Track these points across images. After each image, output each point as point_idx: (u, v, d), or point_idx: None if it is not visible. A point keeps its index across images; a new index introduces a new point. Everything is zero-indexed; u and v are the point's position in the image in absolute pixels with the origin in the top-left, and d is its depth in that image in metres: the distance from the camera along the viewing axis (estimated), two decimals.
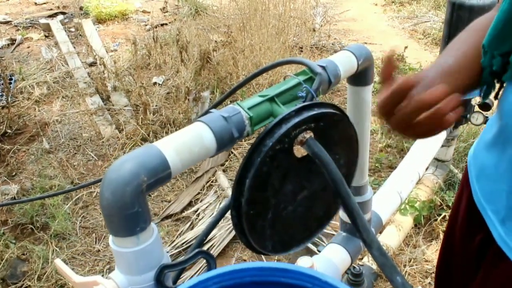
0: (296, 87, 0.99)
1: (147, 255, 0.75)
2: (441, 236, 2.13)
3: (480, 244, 1.02)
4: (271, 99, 0.94)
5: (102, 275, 1.02)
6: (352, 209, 0.87)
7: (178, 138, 0.78)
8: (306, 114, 0.89)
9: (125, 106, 3.18)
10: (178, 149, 0.76)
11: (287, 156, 0.90)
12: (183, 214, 2.25)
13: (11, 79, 3.55)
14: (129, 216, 0.70)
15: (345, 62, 1.09)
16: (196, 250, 0.78)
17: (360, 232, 0.87)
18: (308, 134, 0.90)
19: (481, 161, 0.94)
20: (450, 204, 2.20)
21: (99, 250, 2.08)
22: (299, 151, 0.93)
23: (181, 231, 2.12)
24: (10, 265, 1.99)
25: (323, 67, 1.02)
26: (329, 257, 1.36)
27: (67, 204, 2.31)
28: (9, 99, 3.17)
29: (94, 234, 2.17)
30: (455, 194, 2.35)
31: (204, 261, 0.80)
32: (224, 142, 0.83)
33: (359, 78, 1.20)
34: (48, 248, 2.05)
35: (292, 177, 0.94)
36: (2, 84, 3.35)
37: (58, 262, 0.82)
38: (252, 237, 0.91)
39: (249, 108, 0.89)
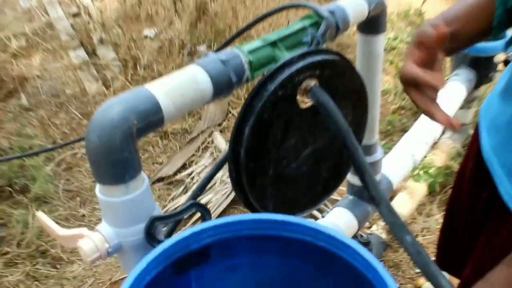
0: (301, 32, 0.99)
1: (136, 206, 0.76)
2: None
3: (486, 201, 1.05)
4: (273, 44, 0.94)
5: None
6: (360, 163, 0.89)
7: (171, 80, 0.79)
8: (311, 60, 0.90)
9: (112, 61, 3.17)
10: (171, 92, 0.77)
11: (290, 104, 0.91)
12: (176, 177, 2.28)
13: None
14: (117, 162, 0.72)
15: (354, 7, 1.09)
16: (190, 202, 0.80)
17: (368, 188, 0.89)
18: (313, 82, 0.91)
19: (493, 111, 0.96)
20: None
21: (84, 215, 2.11)
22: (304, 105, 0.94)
23: (174, 195, 2.15)
24: None
25: (331, 12, 1.02)
26: (334, 221, 1.39)
27: (48, 166, 2.33)
28: None
29: (78, 198, 2.20)
30: (454, 179, 2.37)
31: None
32: (222, 86, 0.84)
33: (370, 25, 1.20)
34: (28, 212, 2.08)
35: (296, 130, 0.95)
36: None
37: (40, 215, 0.84)
38: (252, 194, 0.93)
39: (249, 52, 0.89)
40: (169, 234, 0.94)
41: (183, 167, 2.33)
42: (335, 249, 0.74)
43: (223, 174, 2.11)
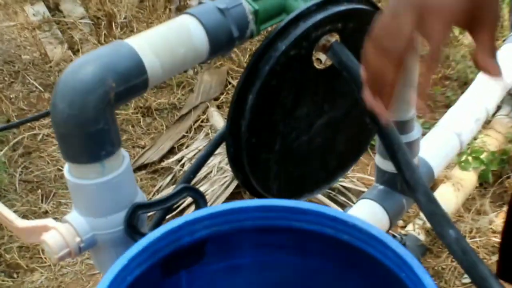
0: None
1: (115, 190, 0.78)
2: None
3: None
4: None
5: None
6: (392, 139, 0.90)
7: (158, 34, 0.81)
8: (332, 10, 0.91)
9: (81, 19, 3.18)
10: (158, 48, 0.78)
11: (304, 66, 0.93)
12: (162, 164, 2.29)
13: None
14: (91, 135, 0.73)
15: None
16: (181, 186, 0.82)
17: (401, 170, 0.90)
18: (334, 38, 0.92)
19: None
20: None
21: (47, 212, 2.13)
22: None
23: (160, 187, 2.17)
24: None
25: None
26: (359, 216, 1.40)
27: (1, 150, 2.35)
28: None
29: (39, 190, 2.22)
30: None
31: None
32: (220, 42, 0.85)
33: None
34: None
35: (309, 97, 0.97)
36: None
37: None
38: (253, 174, 0.95)
39: (254, 0, 0.90)
40: (155, 227, 0.96)
41: (171, 151, 2.35)
42: (362, 243, 0.76)
43: (221, 161, 2.13)
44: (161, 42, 0.80)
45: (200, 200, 0.82)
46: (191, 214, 0.74)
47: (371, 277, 0.79)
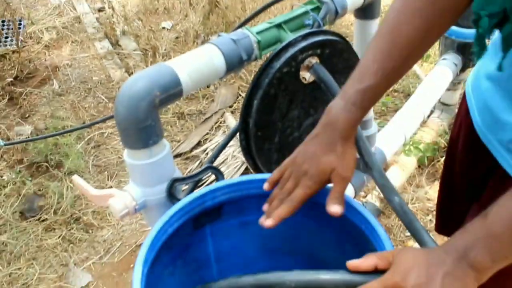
0: (303, 16, 1.00)
1: (159, 168, 0.79)
2: None
3: (484, 170, 1.04)
4: (279, 26, 0.95)
5: None
6: (357, 133, 0.90)
7: (189, 57, 0.81)
8: (312, 40, 0.91)
9: (134, 50, 3.18)
10: (189, 68, 0.79)
11: (293, 80, 0.93)
12: (192, 153, 2.30)
13: (20, 23, 3.54)
14: (142, 129, 0.74)
15: None
16: (206, 165, 0.82)
17: (362, 154, 0.89)
18: (314, 60, 0.93)
19: (482, 92, 0.93)
20: None
21: (111, 187, 2.14)
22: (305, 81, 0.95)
23: (190, 169, 2.17)
24: (27, 200, 2.07)
25: None
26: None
27: (79, 144, 2.36)
28: (19, 43, 3.17)
29: (106, 172, 2.23)
30: (447, 144, 2.37)
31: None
32: (233, 64, 0.86)
33: (366, 11, 1.20)
34: (62, 185, 2.11)
35: (298, 103, 0.97)
36: (12, 28, 3.35)
37: (76, 178, 0.87)
38: (259, 159, 0.95)
39: (257, 33, 0.90)
40: (187, 195, 0.97)
41: (198, 144, 2.35)
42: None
43: (234, 150, 2.13)
44: (191, 63, 0.80)
45: (219, 176, 0.82)
46: (212, 185, 0.75)
47: (341, 230, 0.79)
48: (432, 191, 2.07)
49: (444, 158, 1.29)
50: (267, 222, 0.72)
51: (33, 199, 2.07)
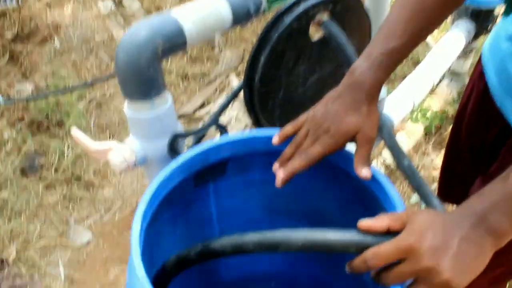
0: None
1: (161, 121, 0.76)
2: None
3: (492, 139, 1.01)
4: None
5: None
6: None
7: (194, 7, 0.77)
8: None
9: (137, 11, 3.11)
10: (194, 18, 0.75)
11: (303, 36, 0.89)
12: (196, 115, 2.27)
13: None
14: (144, 79, 0.71)
15: None
16: (209, 121, 0.79)
17: None
18: (326, 16, 0.88)
19: (502, 54, 0.90)
20: None
21: None
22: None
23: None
24: (28, 158, 2.05)
25: None
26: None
27: (81, 103, 2.33)
28: (20, 1, 3.10)
29: (108, 131, 2.20)
30: (456, 110, 2.33)
31: None
32: (240, 15, 0.82)
33: None
34: (63, 143, 2.09)
35: (305, 59, 0.93)
36: None
37: (75, 131, 0.84)
38: (262, 115, 0.92)
39: None
40: None
41: (202, 106, 2.32)
42: (342, 164, 0.73)
43: (238, 113, 2.10)
44: (196, 13, 0.76)
45: (223, 132, 0.79)
46: (216, 140, 0.72)
47: (350, 191, 0.77)
48: (438, 159, 2.04)
49: (451, 125, 1.26)
50: (278, 173, 0.69)
51: (34, 157, 2.06)
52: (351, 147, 0.79)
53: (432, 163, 2.02)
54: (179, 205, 0.77)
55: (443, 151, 2.10)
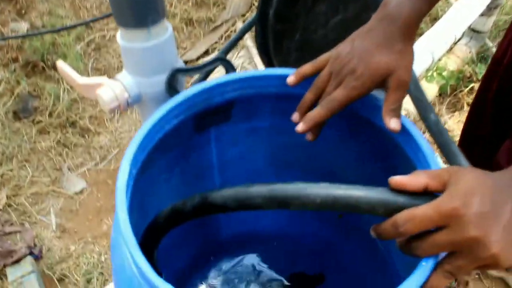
0: None
1: (159, 54, 0.66)
2: (466, 108, 2.03)
3: None
4: None
5: None
6: None
7: None
8: None
9: None
10: None
11: None
12: (199, 62, 2.16)
13: None
14: (139, 2, 0.60)
15: None
16: (216, 56, 0.69)
17: None
18: None
19: None
20: (479, 77, 2.08)
21: None
22: None
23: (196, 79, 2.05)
24: (21, 100, 1.96)
25: None
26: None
27: (79, 45, 2.21)
28: None
29: (106, 75, 2.09)
30: (487, 67, 2.23)
31: None
32: None
33: None
34: (59, 86, 1.99)
35: None
36: None
37: (61, 64, 0.74)
38: (276, 57, 0.82)
39: None
40: None
41: (206, 52, 2.20)
42: (364, 111, 0.64)
43: (244, 61, 1.99)
44: None
45: (230, 69, 0.69)
46: (222, 77, 0.62)
47: (370, 143, 0.67)
48: (452, 121, 1.95)
49: (479, 83, 1.16)
50: (298, 127, 0.60)
51: (28, 99, 1.96)
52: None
53: (445, 125, 1.92)
54: (177, 151, 0.68)
55: (457, 113, 2.00)
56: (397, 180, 0.46)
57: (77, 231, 1.56)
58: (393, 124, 0.56)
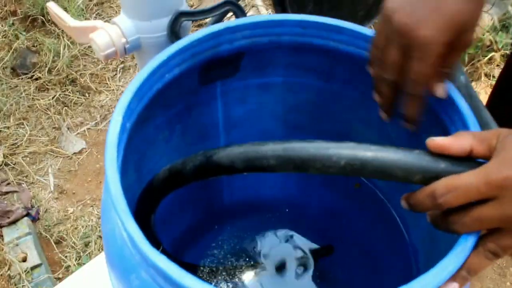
0: None
1: None
2: (483, 79, 1.95)
3: None
4: None
5: None
6: None
7: None
8: None
9: None
10: None
11: None
12: (207, 20, 2.07)
13: None
14: None
15: None
16: (224, 0, 0.61)
17: None
18: None
19: None
20: (500, 46, 1.98)
21: None
22: None
23: None
24: (20, 55, 1.88)
25: None
26: None
27: None
28: None
29: None
30: (508, 36, 2.12)
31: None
32: None
33: None
34: (59, 42, 1.91)
35: None
36: None
37: (51, 5, 0.66)
38: (291, 8, 0.74)
39: None
40: None
41: None
42: None
43: None
44: None
45: (240, 15, 0.61)
46: (232, 21, 0.54)
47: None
48: None
49: (509, 56, 1.08)
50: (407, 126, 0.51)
51: (26, 54, 1.88)
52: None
53: None
54: (178, 106, 0.61)
55: (474, 84, 1.92)
56: (438, 141, 0.39)
57: (75, 192, 1.51)
58: (439, 90, 0.48)
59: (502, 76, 1.07)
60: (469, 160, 0.38)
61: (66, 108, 1.72)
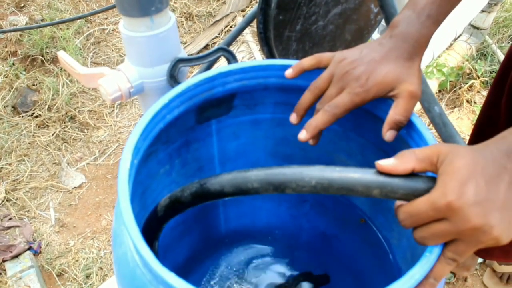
0: None
1: (161, 44, 0.65)
2: (465, 105, 2.03)
3: None
4: None
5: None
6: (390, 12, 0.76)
7: None
8: None
9: None
10: None
11: None
12: None
13: None
14: None
15: None
16: (217, 47, 0.69)
17: None
18: None
19: None
20: (480, 74, 2.07)
21: None
22: None
23: (195, 73, 2.04)
24: (20, 94, 1.95)
25: None
26: None
27: (78, 38, 2.20)
28: None
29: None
30: (486, 64, 2.22)
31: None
32: None
33: None
34: (58, 80, 1.99)
35: None
36: None
37: (62, 54, 0.73)
38: (277, 47, 0.82)
39: None
40: None
41: (206, 47, 2.19)
42: (369, 105, 0.63)
43: (244, 56, 1.98)
44: None
45: (232, 60, 0.69)
46: (224, 67, 0.62)
47: (373, 135, 0.67)
48: (451, 118, 1.94)
49: (490, 87, 1.15)
50: (301, 135, 0.59)
51: (27, 93, 1.95)
52: None
53: None
54: (178, 143, 0.68)
55: (456, 110, 2.00)
56: (383, 165, 0.46)
57: (76, 226, 1.56)
58: (388, 135, 0.57)
59: (481, 113, 1.13)
60: (417, 174, 0.45)
61: (65, 144, 1.78)
